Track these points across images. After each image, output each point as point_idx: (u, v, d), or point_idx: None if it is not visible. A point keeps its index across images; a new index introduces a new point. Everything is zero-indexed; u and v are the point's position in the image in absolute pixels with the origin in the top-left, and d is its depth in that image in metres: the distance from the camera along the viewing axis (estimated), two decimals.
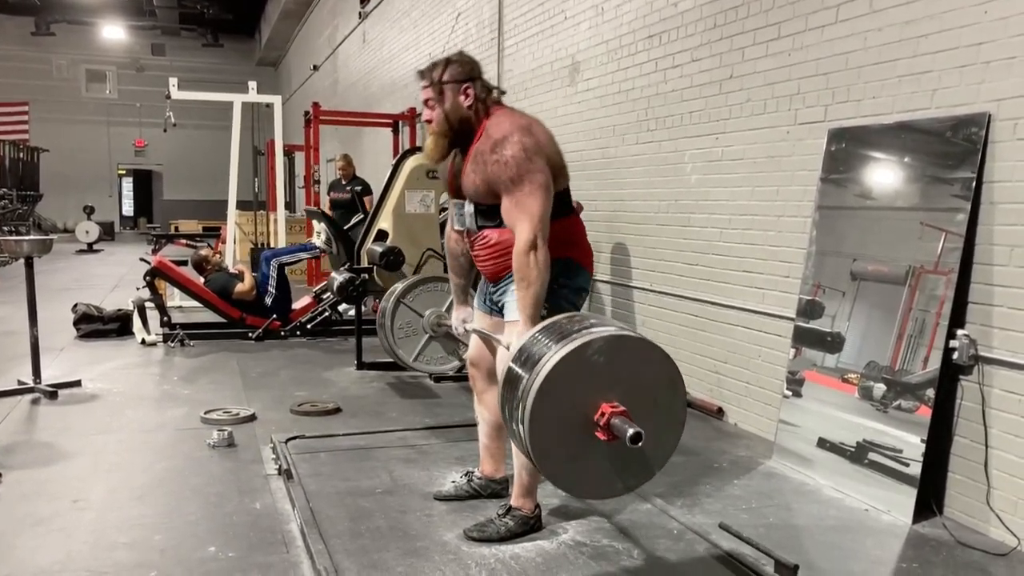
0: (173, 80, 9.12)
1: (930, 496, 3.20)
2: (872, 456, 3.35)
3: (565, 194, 2.82)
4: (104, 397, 4.88)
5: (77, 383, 5.07)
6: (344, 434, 4.11)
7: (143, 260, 7.78)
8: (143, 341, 6.50)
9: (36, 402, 4.71)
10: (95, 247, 16.88)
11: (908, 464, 3.19)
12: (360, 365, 5.69)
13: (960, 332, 3.08)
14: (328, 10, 16.29)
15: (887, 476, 3.27)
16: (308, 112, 10.04)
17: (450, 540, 2.89)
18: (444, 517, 3.10)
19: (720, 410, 4.57)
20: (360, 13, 13.18)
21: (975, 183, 3.05)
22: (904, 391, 3.26)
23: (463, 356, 4.38)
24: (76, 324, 6.81)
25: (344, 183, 9.04)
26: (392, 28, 11.55)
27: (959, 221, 3.10)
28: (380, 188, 5.88)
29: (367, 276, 5.46)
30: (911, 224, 3.32)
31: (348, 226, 7.23)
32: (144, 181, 25.54)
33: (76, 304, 7.00)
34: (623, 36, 5.37)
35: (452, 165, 2.88)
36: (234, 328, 6.87)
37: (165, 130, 10.71)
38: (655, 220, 5.11)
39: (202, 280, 7.09)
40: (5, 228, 15.78)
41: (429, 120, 2.80)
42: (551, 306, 2.73)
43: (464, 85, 2.75)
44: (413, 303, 4.37)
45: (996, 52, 2.99)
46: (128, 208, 25.87)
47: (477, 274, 3.07)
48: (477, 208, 2.79)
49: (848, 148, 3.64)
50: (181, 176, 24.58)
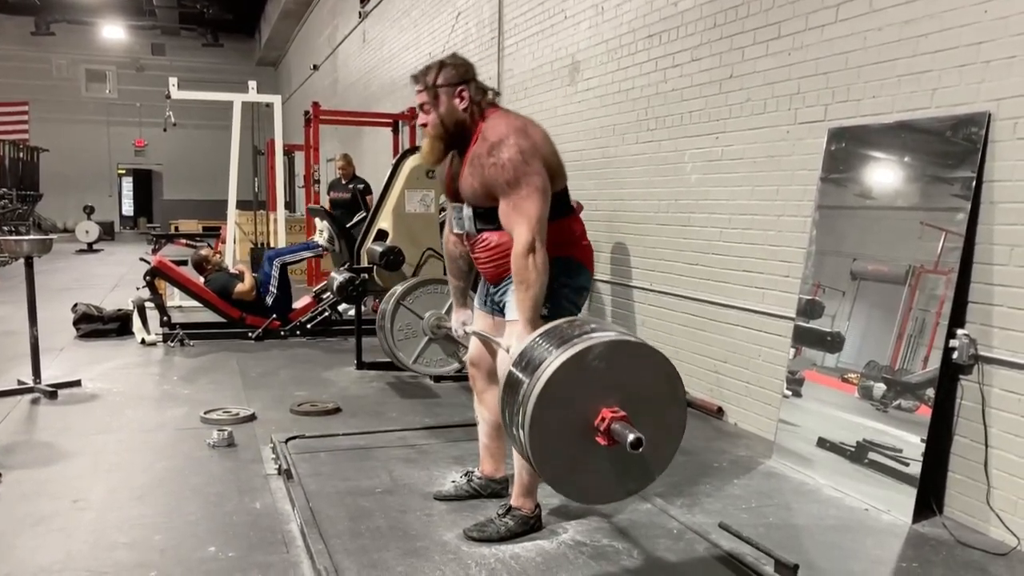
0: (173, 80, 9.13)
1: (930, 496, 3.20)
2: (872, 456, 3.35)
3: (563, 194, 2.81)
4: (104, 397, 4.88)
5: (77, 383, 5.07)
6: (344, 434, 4.11)
7: (143, 260, 7.77)
8: (143, 341, 6.50)
9: (36, 402, 4.71)
10: (95, 247, 16.89)
11: (908, 464, 3.19)
12: (360, 365, 5.69)
13: (960, 332, 3.08)
14: (328, 10, 16.29)
15: (887, 476, 3.27)
16: (308, 112, 10.03)
17: (450, 540, 2.90)
18: (444, 517, 3.10)
19: (720, 410, 4.57)
20: (360, 13, 13.18)
21: (975, 182, 3.05)
22: (904, 391, 3.26)
23: (463, 358, 4.38)
24: (76, 324, 6.81)
25: (344, 182, 9.05)
26: (392, 28, 11.56)
27: (959, 220, 3.10)
28: (380, 188, 5.88)
29: (367, 276, 5.46)
30: (911, 224, 3.32)
31: (350, 224, 7.23)
32: (144, 181, 25.54)
33: (76, 304, 7.01)
34: (623, 35, 5.37)
35: (450, 168, 2.86)
36: (234, 328, 6.87)
37: (165, 130, 10.72)
38: (655, 220, 5.11)
39: (202, 280, 7.10)
40: (5, 228, 15.78)
41: (424, 124, 2.79)
42: (552, 306, 2.72)
43: (459, 88, 2.74)
44: (413, 305, 4.37)
45: (996, 51, 2.99)
46: (128, 208, 25.87)
47: (477, 275, 3.07)
48: (476, 211, 2.78)
49: (848, 148, 3.64)
50: (181, 176, 24.58)
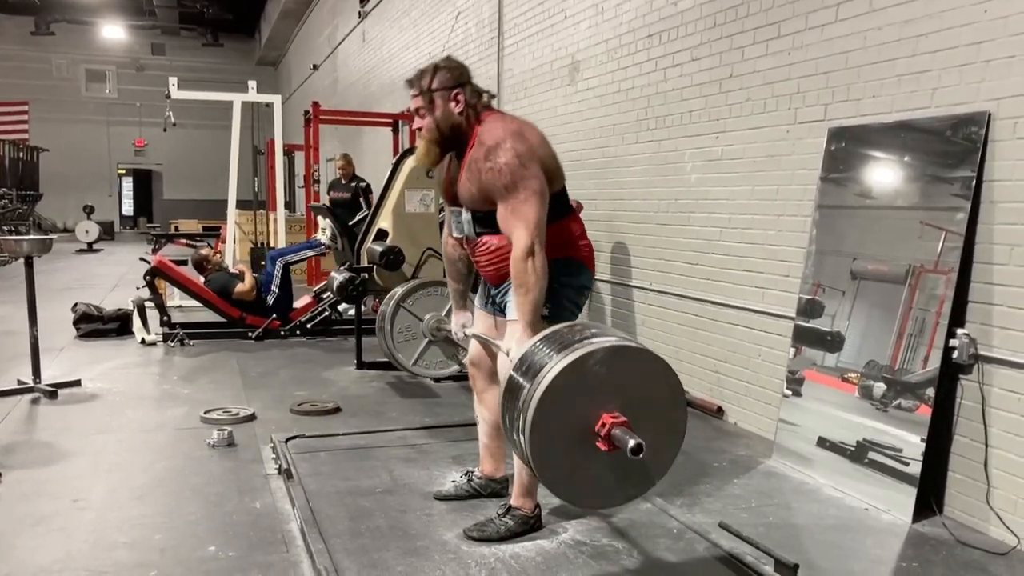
0: (173, 80, 9.13)
1: (930, 495, 3.20)
2: (872, 455, 3.35)
3: (562, 194, 2.81)
4: (104, 397, 4.88)
5: (77, 383, 5.07)
6: (344, 433, 4.11)
7: (143, 260, 7.77)
8: (143, 341, 6.50)
9: (36, 402, 4.71)
10: (95, 247, 16.89)
11: (908, 463, 3.19)
12: (360, 365, 5.69)
13: (960, 331, 3.08)
14: (328, 9, 16.29)
15: (887, 475, 3.27)
16: (308, 111, 10.04)
17: (450, 539, 2.90)
18: (444, 516, 3.10)
19: (720, 409, 4.57)
20: (360, 12, 13.18)
21: (975, 182, 3.05)
22: (904, 390, 3.26)
23: (462, 360, 4.37)
24: (76, 324, 6.81)
25: (344, 182, 9.05)
26: (392, 27, 11.55)
27: (959, 220, 3.10)
28: (379, 188, 5.88)
29: (367, 275, 5.46)
30: (911, 223, 3.32)
31: (353, 222, 7.24)
32: (144, 181, 25.54)
33: (76, 304, 7.00)
34: (623, 35, 5.37)
35: (448, 172, 2.86)
36: (234, 328, 6.87)
37: (165, 129, 10.72)
38: (655, 219, 5.11)
39: (202, 280, 7.10)
40: (5, 228, 15.79)
41: (420, 128, 2.78)
42: (552, 306, 2.72)
43: (454, 91, 2.73)
44: (413, 307, 4.37)
45: (996, 51, 2.99)
46: (128, 208, 25.88)
47: (476, 276, 3.07)
48: (474, 215, 2.78)
49: (848, 147, 3.64)
50: (181, 176, 24.58)
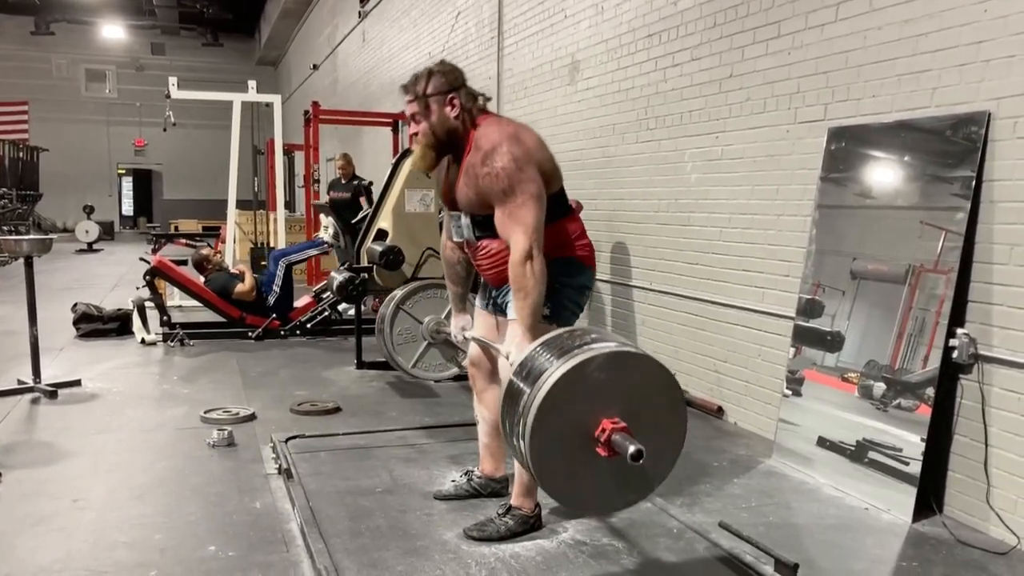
0: (173, 79, 9.12)
1: (930, 495, 3.20)
2: (872, 455, 3.35)
3: (560, 195, 2.80)
4: (104, 396, 4.88)
5: (77, 383, 5.07)
6: (344, 433, 4.11)
7: (143, 260, 7.77)
8: (143, 340, 6.50)
9: (36, 401, 4.71)
10: (95, 247, 16.90)
11: (908, 463, 3.19)
12: (360, 364, 5.69)
13: (960, 331, 3.08)
14: (328, 9, 16.29)
15: (887, 475, 3.27)
16: (308, 111, 10.04)
17: (450, 539, 2.90)
18: (444, 516, 3.10)
19: (720, 409, 4.57)
20: (360, 12, 13.18)
21: (975, 182, 3.05)
22: (904, 390, 3.26)
23: (462, 363, 4.37)
24: (76, 324, 6.81)
25: (344, 182, 9.05)
26: (392, 27, 11.55)
27: (959, 220, 3.10)
28: (379, 187, 5.88)
29: (367, 275, 5.46)
30: (911, 223, 3.32)
31: (356, 220, 7.24)
32: (144, 180, 25.54)
33: (76, 304, 7.01)
34: (623, 35, 5.37)
35: (446, 177, 2.85)
36: (234, 327, 6.87)
37: (165, 129, 10.71)
38: (655, 219, 5.11)
39: (202, 280, 7.10)
40: (5, 228, 15.78)
41: (416, 134, 2.78)
42: (554, 305, 2.73)
43: (449, 96, 2.72)
44: (412, 309, 4.37)
45: (996, 50, 2.99)
46: (128, 208, 25.88)
47: (476, 277, 3.07)
48: (474, 219, 2.78)
49: (848, 147, 3.64)
50: (181, 175, 24.58)
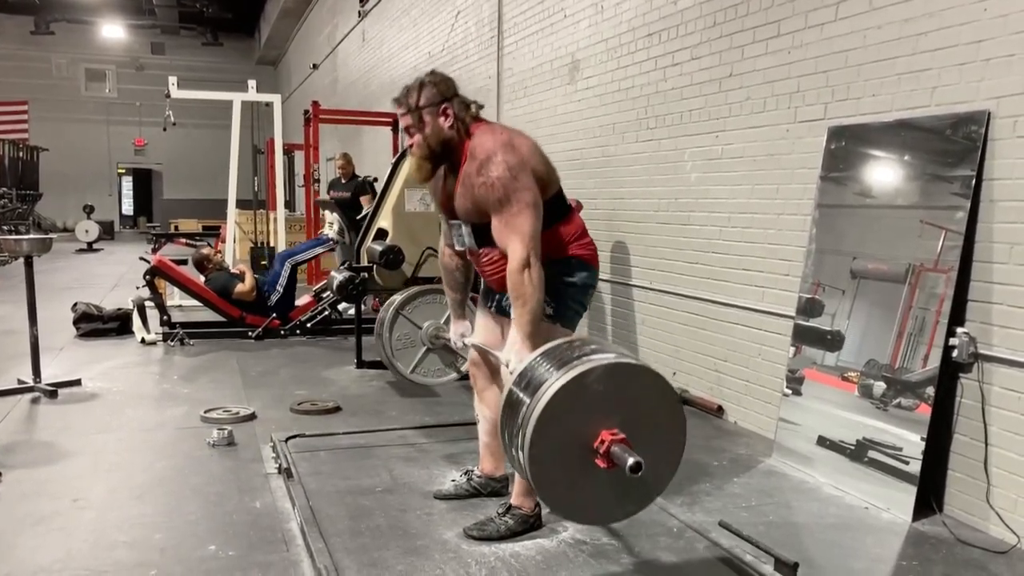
0: (173, 79, 9.12)
1: (930, 494, 3.20)
2: (872, 454, 3.35)
3: (558, 197, 2.80)
4: (104, 396, 4.88)
5: (77, 382, 5.07)
6: (344, 433, 4.11)
7: (143, 259, 7.77)
8: (143, 340, 6.50)
9: (36, 401, 4.71)
10: (95, 246, 16.89)
11: (908, 462, 3.19)
12: (360, 364, 5.69)
13: (960, 330, 3.08)
14: (327, 9, 16.28)
15: (887, 474, 3.27)
16: (308, 111, 10.01)
17: (450, 539, 2.90)
18: (444, 516, 3.10)
19: (720, 408, 4.57)
20: (359, 12, 13.16)
21: (975, 181, 3.05)
22: (904, 389, 3.26)
23: (461, 369, 4.37)
24: (76, 323, 6.81)
25: (344, 181, 9.04)
26: (391, 27, 11.55)
27: (959, 219, 3.10)
28: (381, 187, 5.88)
29: (367, 275, 5.46)
30: (911, 222, 3.32)
31: (360, 216, 7.24)
32: (144, 180, 25.53)
33: (76, 303, 7.01)
34: (623, 34, 5.37)
35: (444, 187, 2.86)
36: (234, 327, 6.87)
37: (165, 129, 10.70)
38: (655, 218, 5.11)
39: (202, 279, 7.10)
40: (5, 227, 15.77)
41: (411, 146, 2.78)
42: (557, 305, 2.75)
43: (442, 106, 2.72)
44: (411, 315, 4.37)
45: (996, 49, 2.99)
46: (128, 207, 25.87)
47: (476, 278, 3.07)
48: (474, 228, 2.78)
49: (848, 146, 3.64)
50: (181, 175, 24.56)
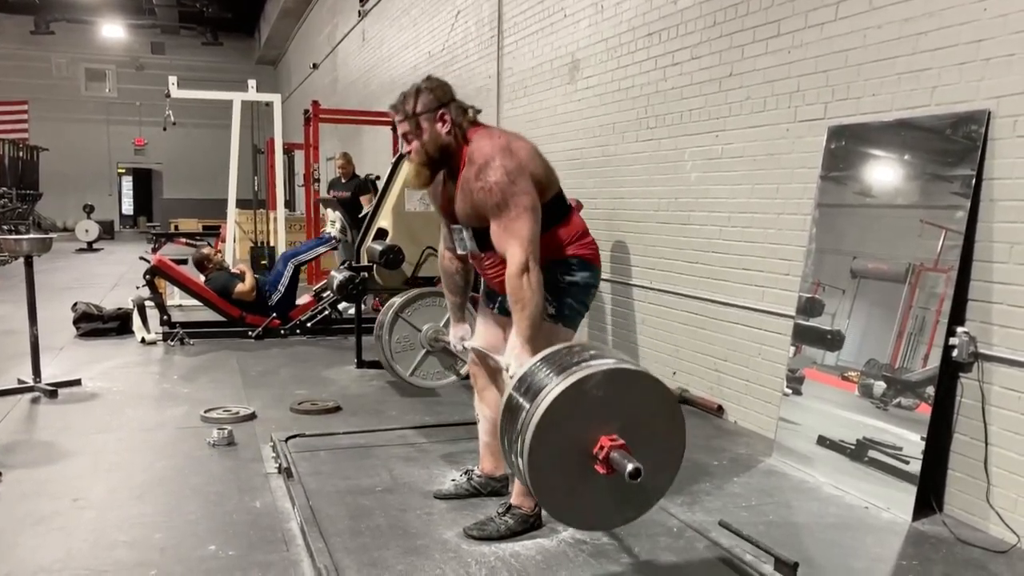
0: (173, 79, 9.12)
1: (930, 493, 3.20)
2: (872, 454, 3.35)
3: (558, 199, 2.80)
4: (104, 396, 4.88)
5: (77, 382, 5.07)
6: (344, 432, 4.11)
7: (143, 259, 7.77)
8: (143, 340, 6.51)
9: (36, 401, 4.72)
10: (95, 246, 16.90)
11: (908, 462, 3.19)
12: (360, 363, 5.69)
13: (960, 329, 3.08)
14: (327, 8, 16.28)
15: (887, 474, 3.27)
16: (308, 110, 10.01)
17: (450, 538, 2.90)
18: (444, 515, 3.10)
19: (720, 408, 4.57)
20: (359, 11, 13.16)
21: (975, 180, 3.05)
22: (904, 389, 3.26)
23: (460, 372, 4.38)
24: (76, 323, 6.81)
25: (344, 181, 9.04)
26: (391, 26, 11.54)
27: (959, 218, 3.10)
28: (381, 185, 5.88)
29: (367, 274, 5.46)
30: (911, 222, 3.32)
31: (362, 215, 7.25)
32: (144, 180, 25.53)
33: (76, 303, 7.01)
34: (623, 34, 5.37)
35: (444, 191, 2.85)
36: (234, 327, 6.87)
37: (165, 129, 10.70)
38: (655, 218, 5.11)
39: (203, 279, 7.10)
40: (5, 227, 15.77)
41: (409, 153, 2.78)
42: (559, 305, 2.76)
43: (439, 112, 2.72)
44: (411, 317, 4.37)
45: (995, 49, 2.99)
46: (128, 207, 25.87)
47: (477, 277, 3.08)
48: (476, 232, 2.78)
49: (848, 146, 3.64)
50: (181, 175, 24.57)
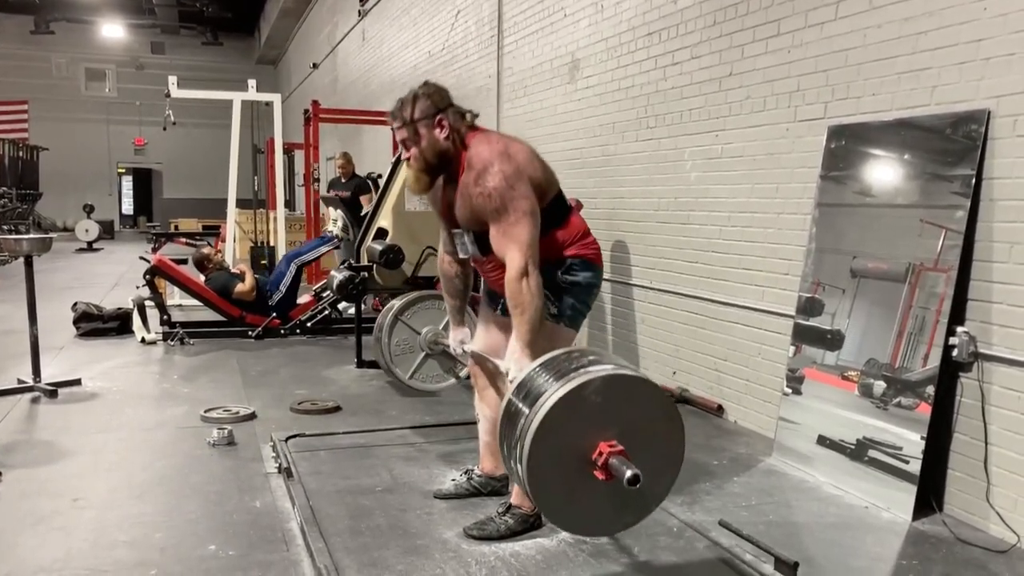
0: (173, 78, 9.11)
1: (930, 493, 3.20)
2: (872, 453, 3.35)
3: (557, 201, 2.80)
4: (104, 396, 4.88)
5: (77, 382, 5.07)
6: (344, 432, 4.11)
7: (143, 259, 7.77)
8: (143, 340, 6.51)
9: (36, 401, 4.72)
10: (95, 246, 16.90)
11: (908, 461, 3.19)
12: (360, 363, 5.69)
13: (960, 329, 3.08)
14: (327, 8, 16.27)
15: (887, 473, 3.27)
16: (308, 110, 10.01)
17: (450, 538, 2.90)
18: (444, 515, 3.10)
19: (720, 407, 4.57)
20: (359, 11, 13.16)
21: (975, 180, 3.05)
22: (904, 388, 3.26)
23: (460, 375, 4.38)
24: (76, 323, 6.81)
25: (344, 181, 9.05)
26: (391, 26, 11.54)
27: (959, 218, 3.10)
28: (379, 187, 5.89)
29: (367, 274, 5.46)
30: (911, 221, 3.32)
31: (364, 213, 7.25)
32: (144, 179, 25.51)
33: (76, 303, 7.01)
34: (623, 33, 5.37)
35: (444, 196, 2.86)
36: (234, 326, 6.87)
37: (165, 128, 10.69)
38: (655, 218, 5.11)
39: (203, 279, 7.10)
40: (5, 227, 15.77)
41: (408, 159, 2.78)
42: (560, 305, 2.76)
43: (437, 117, 2.72)
44: (410, 320, 4.37)
45: (995, 48, 2.99)
46: (128, 207, 25.84)
47: (477, 278, 3.08)
48: (477, 236, 2.78)
49: (848, 145, 3.64)
50: (181, 174, 24.55)
